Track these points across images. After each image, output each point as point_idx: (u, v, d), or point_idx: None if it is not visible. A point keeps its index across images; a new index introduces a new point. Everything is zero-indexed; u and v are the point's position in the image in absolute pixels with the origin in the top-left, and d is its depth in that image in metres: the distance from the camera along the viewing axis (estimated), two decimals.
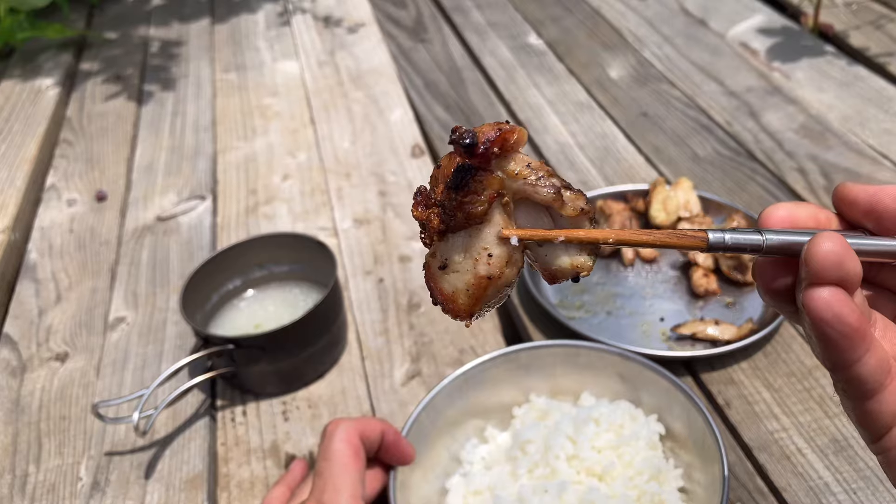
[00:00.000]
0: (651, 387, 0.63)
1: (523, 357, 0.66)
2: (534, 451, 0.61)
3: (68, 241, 0.99)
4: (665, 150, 1.03)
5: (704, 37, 1.28)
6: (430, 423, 0.63)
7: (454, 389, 0.65)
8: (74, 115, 1.29)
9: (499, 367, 0.66)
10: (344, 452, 0.55)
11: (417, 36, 1.42)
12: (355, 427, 0.57)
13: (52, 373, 0.79)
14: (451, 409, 0.65)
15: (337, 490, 0.53)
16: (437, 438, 0.64)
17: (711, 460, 0.56)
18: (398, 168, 1.05)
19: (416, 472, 0.61)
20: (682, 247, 0.35)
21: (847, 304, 0.30)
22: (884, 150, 0.97)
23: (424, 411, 0.63)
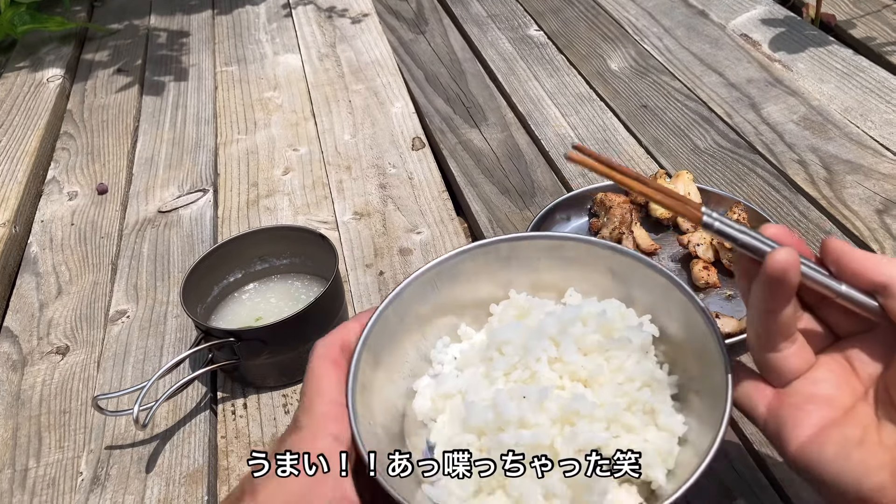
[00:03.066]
0: (646, 284, 0.57)
1: (503, 249, 0.60)
2: (511, 353, 0.55)
3: (69, 235, 0.99)
4: (665, 141, 1.03)
5: (705, 28, 1.28)
6: (397, 319, 0.57)
7: (425, 283, 0.58)
8: (76, 107, 1.29)
9: (475, 260, 0.59)
10: (319, 366, 0.51)
11: (418, 28, 1.42)
12: (332, 339, 0.53)
13: (52, 366, 0.80)
14: (421, 304, 0.58)
15: (312, 402, 0.49)
16: (405, 336, 0.58)
17: (711, 367, 0.50)
18: (399, 161, 1.05)
19: (380, 373, 0.55)
20: (682, 215, 0.45)
21: (796, 263, 0.42)
22: (885, 141, 0.96)
23: (391, 306, 0.56)
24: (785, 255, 0.41)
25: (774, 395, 0.45)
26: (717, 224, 0.44)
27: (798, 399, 0.44)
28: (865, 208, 0.87)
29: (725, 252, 0.78)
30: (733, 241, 0.43)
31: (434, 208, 0.95)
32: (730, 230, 0.43)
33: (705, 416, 0.50)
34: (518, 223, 0.91)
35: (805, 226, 0.86)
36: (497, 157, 1.04)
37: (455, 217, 0.94)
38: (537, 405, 0.50)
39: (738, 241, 0.43)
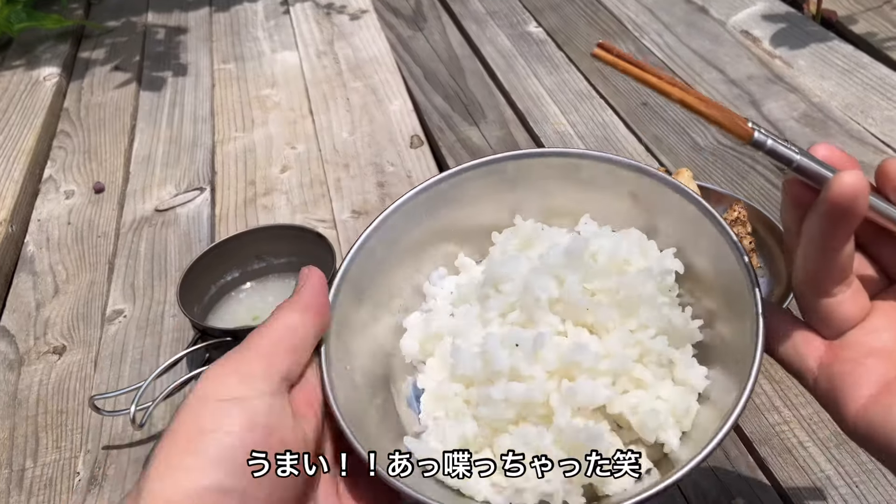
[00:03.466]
0: (672, 213, 0.49)
1: (510, 168, 0.53)
2: (510, 291, 0.48)
3: (66, 234, 0.98)
4: (665, 139, 1.02)
5: (705, 24, 1.27)
6: (384, 248, 0.50)
7: (419, 206, 0.52)
8: (72, 106, 1.28)
9: (477, 181, 0.53)
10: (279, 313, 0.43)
11: (416, 25, 1.41)
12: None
13: (49, 366, 0.79)
14: (415, 229, 0.52)
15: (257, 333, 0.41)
16: (395, 267, 0.52)
17: (742, 311, 0.43)
18: (397, 159, 1.04)
19: (364, 310, 0.49)
20: (727, 127, 0.37)
21: (865, 189, 0.35)
22: (886, 138, 0.96)
23: (375, 235, 0.50)
24: (853, 180, 0.34)
25: (827, 348, 0.40)
26: (769, 142, 0.37)
27: (855, 352, 0.38)
28: None
29: None
30: (787, 162, 0.37)
31: None
32: (783, 149, 0.37)
33: (732, 368, 0.43)
34: None
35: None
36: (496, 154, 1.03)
37: None
38: (531, 354, 0.44)
39: (793, 162, 0.37)
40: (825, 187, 0.35)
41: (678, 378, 0.45)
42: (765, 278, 0.77)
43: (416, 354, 0.50)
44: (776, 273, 0.77)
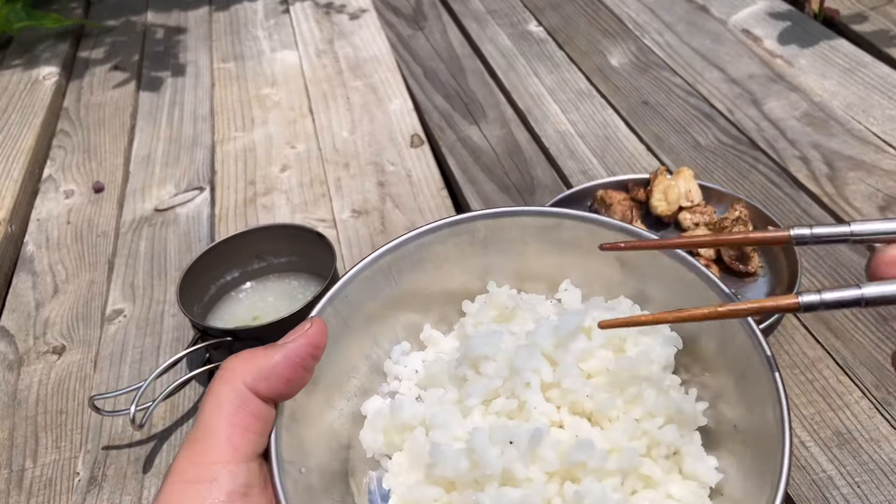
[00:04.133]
0: (665, 278, 0.44)
1: (481, 228, 0.48)
2: (492, 373, 0.42)
3: (65, 233, 0.98)
4: (666, 138, 1.02)
5: (706, 23, 1.27)
6: (339, 322, 0.45)
7: (378, 273, 0.46)
8: (72, 105, 1.28)
9: (445, 243, 0.47)
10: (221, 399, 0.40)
11: (416, 24, 1.41)
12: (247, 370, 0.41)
13: (49, 366, 0.79)
14: (373, 299, 0.46)
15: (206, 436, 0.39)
16: (351, 344, 0.46)
17: (755, 396, 0.39)
18: (397, 158, 1.04)
19: (316, 396, 0.43)
20: (774, 310, 0.37)
21: None
22: (888, 137, 0.96)
23: (330, 306, 0.44)
24: None
25: None
26: (823, 298, 0.35)
27: None
28: (868, 205, 0.86)
29: (727, 250, 0.77)
30: (857, 302, 0.35)
31: (433, 206, 0.95)
32: (845, 294, 0.35)
33: (748, 460, 0.39)
34: None
35: (807, 223, 0.85)
36: (496, 154, 1.03)
37: (454, 215, 0.93)
38: (528, 453, 0.38)
39: (862, 300, 0.35)
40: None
41: (687, 471, 0.40)
42: (766, 278, 0.77)
43: (380, 447, 0.44)
44: (777, 272, 0.76)
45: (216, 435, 0.39)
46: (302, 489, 0.40)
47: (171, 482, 0.38)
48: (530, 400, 0.41)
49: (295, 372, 0.41)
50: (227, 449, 0.38)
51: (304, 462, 0.42)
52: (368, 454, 0.45)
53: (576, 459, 0.38)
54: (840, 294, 0.34)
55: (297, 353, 0.41)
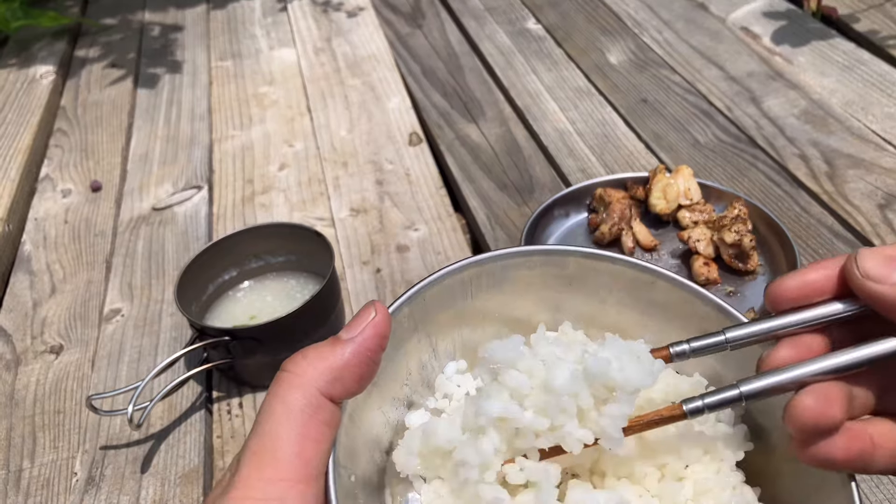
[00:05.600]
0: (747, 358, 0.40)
1: (571, 264, 0.45)
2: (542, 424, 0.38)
3: (63, 233, 0.98)
4: (665, 136, 1.02)
5: (705, 21, 1.27)
6: (412, 323, 0.44)
7: (458, 283, 0.45)
8: (69, 104, 1.28)
9: (532, 270, 0.45)
10: (291, 407, 0.36)
11: (415, 22, 1.40)
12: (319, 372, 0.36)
13: (46, 366, 0.79)
14: (445, 309, 0.45)
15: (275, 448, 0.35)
16: (413, 348, 0.44)
17: (816, 482, 0.38)
18: (395, 156, 1.04)
19: (373, 397, 0.42)
20: (664, 423, 0.38)
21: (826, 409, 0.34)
22: (887, 135, 0.96)
23: (409, 305, 0.43)
24: (808, 403, 0.34)
25: None
26: (704, 402, 0.37)
27: None
28: (867, 203, 0.86)
29: (726, 248, 0.77)
30: (736, 400, 0.37)
31: (431, 204, 0.94)
32: (724, 395, 0.37)
33: None
34: (516, 219, 0.90)
35: (806, 221, 0.85)
36: (495, 152, 1.03)
37: (453, 213, 0.93)
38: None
39: (741, 398, 0.36)
40: (785, 419, 0.35)
41: None
42: (765, 276, 0.77)
43: (415, 469, 0.42)
44: (777, 270, 0.76)
45: (285, 448, 0.34)
46: (349, 498, 0.38)
47: (234, 497, 0.34)
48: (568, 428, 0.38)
49: (368, 368, 0.37)
50: (297, 465, 0.34)
51: (354, 469, 0.39)
52: (402, 475, 0.42)
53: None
54: (721, 397, 0.37)
55: (367, 347, 0.37)
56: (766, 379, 0.36)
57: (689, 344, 0.39)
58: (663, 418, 0.38)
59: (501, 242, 0.87)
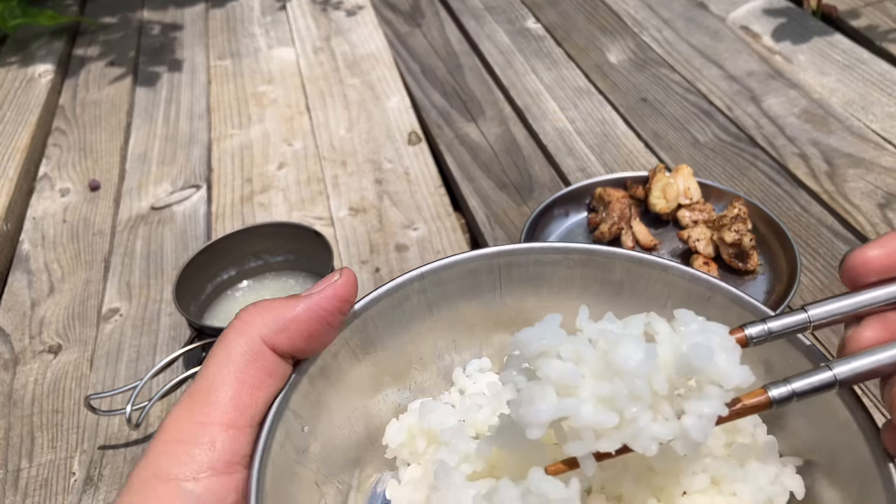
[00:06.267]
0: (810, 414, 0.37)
1: (618, 269, 0.41)
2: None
3: (61, 232, 0.98)
4: (665, 135, 1.01)
5: (705, 20, 1.26)
6: (422, 301, 0.41)
7: (484, 271, 0.41)
8: (67, 103, 1.27)
9: (571, 269, 0.41)
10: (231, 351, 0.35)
11: (414, 21, 1.40)
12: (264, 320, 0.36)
13: (44, 365, 0.79)
14: (468, 299, 0.41)
15: (210, 391, 0.34)
16: (427, 332, 0.41)
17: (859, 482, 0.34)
18: (394, 156, 1.04)
19: (362, 367, 0.40)
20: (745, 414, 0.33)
21: None
22: (887, 134, 0.95)
23: (420, 281, 0.40)
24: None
25: None
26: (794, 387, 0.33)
27: None
28: (867, 202, 0.86)
29: (726, 248, 0.77)
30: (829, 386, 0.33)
31: (431, 204, 0.94)
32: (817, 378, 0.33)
33: None
34: (515, 218, 0.90)
35: (806, 220, 0.85)
36: (494, 151, 1.03)
37: (452, 213, 0.93)
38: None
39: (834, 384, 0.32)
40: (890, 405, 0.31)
41: None
42: (765, 275, 0.77)
43: (397, 448, 0.40)
44: (777, 270, 0.76)
45: (221, 391, 0.34)
46: (294, 447, 0.36)
47: (161, 440, 0.33)
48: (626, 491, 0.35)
49: (317, 326, 0.36)
50: (231, 410, 0.34)
51: (314, 424, 0.37)
52: (388, 454, 0.41)
53: None
54: (813, 380, 0.32)
55: (321, 306, 0.36)
56: (863, 359, 0.31)
57: (766, 324, 0.34)
58: (745, 408, 0.32)
59: (501, 241, 0.87)
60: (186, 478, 0.32)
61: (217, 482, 0.33)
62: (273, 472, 0.34)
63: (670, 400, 0.32)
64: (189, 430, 0.33)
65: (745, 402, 0.32)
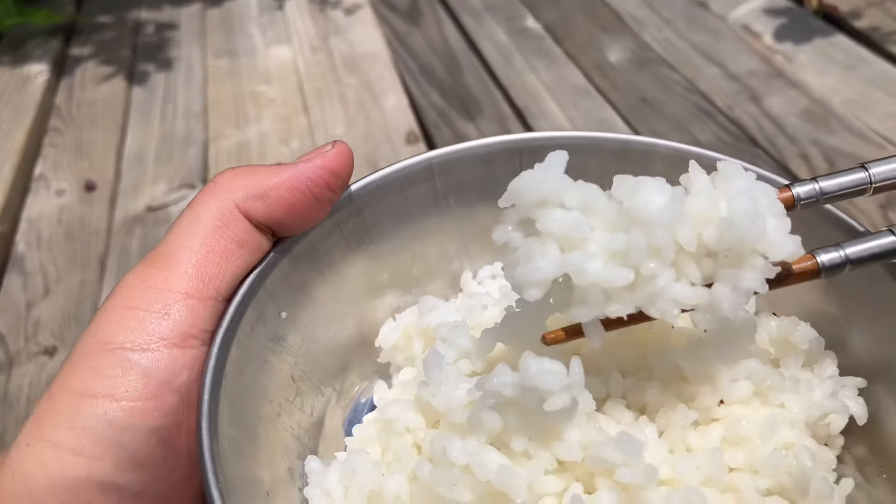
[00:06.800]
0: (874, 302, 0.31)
1: (658, 162, 0.36)
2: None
3: (57, 233, 0.97)
4: (665, 135, 1.01)
5: (705, 19, 1.26)
6: (429, 188, 0.36)
7: (503, 160, 0.35)
8: (63, 102, 1.26)
9: (605, 161, 0.36)
10: (200, 215, 0.31)
11: (412, 20, 1.39)
12: (240, 184, 0.32)
13: (40, 367, 0.78)
14: (484, 199, 0.36)
15: (170, 256, 0.30)
16: (433, 228, 0.37)
17: None
18: (393, 155, 1.03)
19: (357, 259, 0.35)
20: (792, 282, 0.28)
21: None
22: (888, 134, 0.95)
23: (429, 163, 0.35)
24: None
25: None
26: (846, 253, 0.28)
27: None
28: (868, 203, 0.85)
29: None
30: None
31: None
32: (879, 241, 0.28)
33: None
34: None
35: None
36: None
37: None
38: (545, 428, 0.28)
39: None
40: None
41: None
42: None
43: (390, 348, 0.37)
44: None
45: (182, 256, 0.30)
46: (269, 332, 0.32)
47: (112, 305, 0.29)
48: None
49: (301, 197, 0.32)
50: (192, 277, 0.29)
51: (295, 312, 0.33)
52: (381, 357, 0.37)
53: (606, 458, 0.27)
54: (869, 245, 0.26)
55: (307, 176, 0.32)
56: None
57: (817, 183, 0.29)
58: (791, 275, 0.27)
59: None
60: (134, 347, 0.28)
61: (169, 355, 0.28)
62: (238, 353, 0.30)
63: (698, 261, 0.26)
64: (140, 296, 0.29)
65: (790, 269, 0.27)
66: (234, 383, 0.29)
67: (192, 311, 0.29)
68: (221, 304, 0.30)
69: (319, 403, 0.35)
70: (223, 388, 0.28)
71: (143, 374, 0.28)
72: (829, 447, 0.31)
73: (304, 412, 0.33)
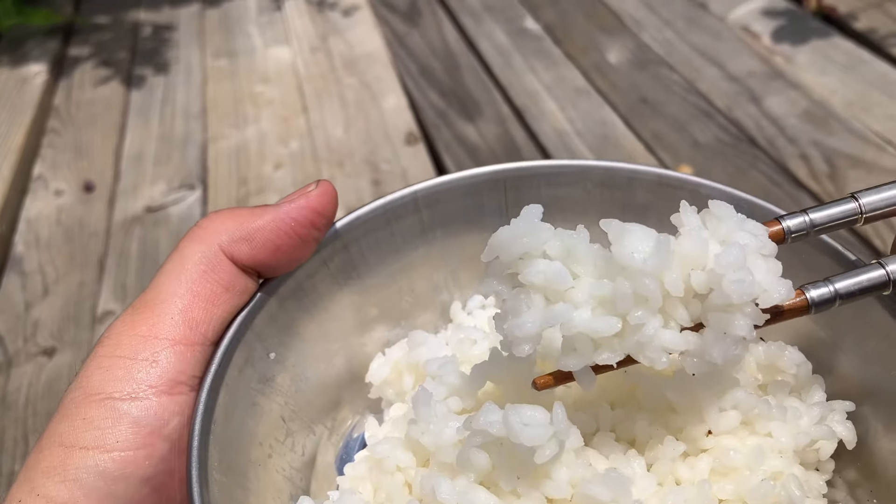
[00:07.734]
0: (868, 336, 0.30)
1: (642, 189, 0.35)
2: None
3: (56, 233, 0.97)
4: (665, 136, 1.01)
5: (705, 20, 1.26)
6: (416, 222, 0.36)
7: (486, 189, 0.36)
8: (62, 103, 1.26)
9: (590, 192, 0.35)
10: (186, 260, 0.32)
11: (412, 20, 1.39)
12: (224, 227, 0.32)
13: (38, 368, 0.78)
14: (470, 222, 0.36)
15: (157, 303, 0.31)
16: (420, 260, 0.37)
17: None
18: (392, 156, 1.03)
19: (344, 294, 0.35)
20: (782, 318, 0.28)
21: None
22: (888, 135, 0.95)
23: (413, 198, 0.36)
24: None
25: None
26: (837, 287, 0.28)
27: None
28: None
29: None
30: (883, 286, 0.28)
31: None
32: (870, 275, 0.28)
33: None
34: None
35: None
36: (493, 152, 1.02)
37: None
38: (532, 468, 0.29)
39: (889, 283, 0.28)
40: None
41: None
42: None
43: (380, 384, 0.36)
44: None
45: (169, 303, 0.30)
46: (258, 374, 0.32)
47: (99, 354, 0.30)
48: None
49: (286, 239, 0.32)
50: (179, 324, 0.30)
51: (283, 352, 0.33)
52: (371, 393, 0.37)
53: (594, 495, 0.28)
54: (866, 278, 0.26)
55: (292, 217, 0.32)
56: None
57: (807, 215, 0.28)
58: (781, 312, 0.27)
59: None
60: (122, 396, 0.28)
61: (158, 402, 0.28)
62: (227, 398, 0.30)
63: (686, 303, 0.27)
64: (128, 344, 0.29)
65: (782, 307, 0.27)
66: (223, 429, 0.29)
67: (180, 357, 0.29)
68: (209, 348, 0.31)
69: (311, 442, 0.35)
70: (212, 434, 0.29)
71: (132, 424, 0.28)
72: (820, 472, 0.31)
73: (295, 452, 0.34)
